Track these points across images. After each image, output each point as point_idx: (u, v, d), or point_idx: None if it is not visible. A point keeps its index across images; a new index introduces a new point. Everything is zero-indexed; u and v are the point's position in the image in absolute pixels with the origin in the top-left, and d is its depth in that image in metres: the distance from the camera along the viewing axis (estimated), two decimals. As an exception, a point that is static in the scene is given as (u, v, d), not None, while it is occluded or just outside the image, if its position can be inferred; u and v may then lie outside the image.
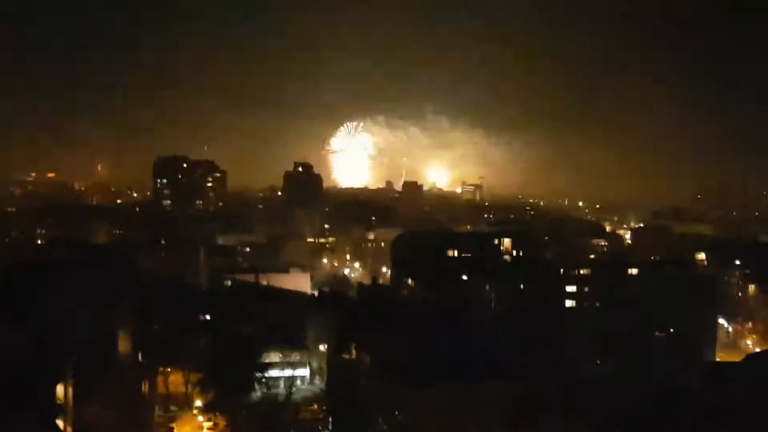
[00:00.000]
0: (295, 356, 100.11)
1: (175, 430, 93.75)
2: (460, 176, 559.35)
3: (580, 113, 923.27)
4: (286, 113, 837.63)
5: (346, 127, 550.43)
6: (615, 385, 73.06)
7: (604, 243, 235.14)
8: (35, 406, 65.85)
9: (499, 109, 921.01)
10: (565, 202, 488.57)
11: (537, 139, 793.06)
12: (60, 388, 73.34)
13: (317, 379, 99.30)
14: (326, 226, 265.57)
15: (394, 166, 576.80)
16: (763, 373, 74.25)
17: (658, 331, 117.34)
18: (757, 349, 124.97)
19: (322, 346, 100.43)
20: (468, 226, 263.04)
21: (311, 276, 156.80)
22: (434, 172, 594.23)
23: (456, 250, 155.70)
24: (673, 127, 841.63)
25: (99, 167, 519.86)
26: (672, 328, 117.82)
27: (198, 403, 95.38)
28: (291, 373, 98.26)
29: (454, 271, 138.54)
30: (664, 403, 66.22)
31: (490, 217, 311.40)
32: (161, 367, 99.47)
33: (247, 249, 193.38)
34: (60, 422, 72.24)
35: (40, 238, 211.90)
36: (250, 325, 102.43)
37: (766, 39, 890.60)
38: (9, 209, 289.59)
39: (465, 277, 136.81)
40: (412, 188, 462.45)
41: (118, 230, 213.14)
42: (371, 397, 75.52)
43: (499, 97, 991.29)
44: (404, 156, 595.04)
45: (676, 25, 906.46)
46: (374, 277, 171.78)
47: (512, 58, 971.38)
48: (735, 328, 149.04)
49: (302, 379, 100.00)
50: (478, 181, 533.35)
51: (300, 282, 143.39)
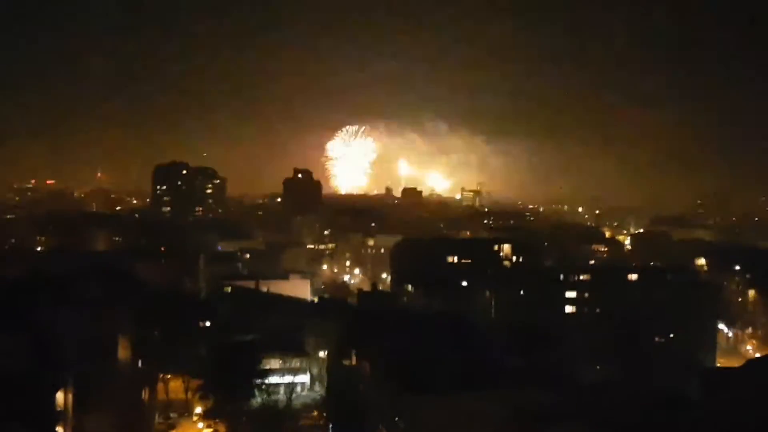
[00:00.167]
0: (295, 363, 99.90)
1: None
2: (460, 182, 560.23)
3: (579, 119, 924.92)
4: (285, 120, 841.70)
5: (347, 132, 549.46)
6: (615, 392, 72.86)
7: (603, 249, 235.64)
8: (35, 414, 65.69)
9: (499, 115, 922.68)
10: (565, 208, 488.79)
11: (536, 145, 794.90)
12: (60, 396, 73.21)
13: (317, 386, 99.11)
14: (326, 232, 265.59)
15: (394, 172, 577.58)
16: (764, 379, 74.06)
17: (658, 337, 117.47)
18: (758, 355, 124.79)
19: (322, 353, 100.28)
20: (467, 233, 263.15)
21: (311, 282, 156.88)
22: (433, 179, 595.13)
23: (456, 256, 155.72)
24: (673, 132, 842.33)
25: (99, 174, 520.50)
26: (672, 334, 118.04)
27: (198, 409, 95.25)
28: (291, 379, 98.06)
29: (453, 278, 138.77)
30: (665, 409, 66.07)
31: (490, 223, 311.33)
32: (161, 374, 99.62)
33: (247, 255, 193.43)
34: (60, 429, 72.08)
35: (39, 246, 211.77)
36: (250, 331, 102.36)
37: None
38: (8, 216, 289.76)
39: (465, 283, 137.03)
40: (412, 194, 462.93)
41: (117, 237, 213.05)
42: (371, 404, 75.43)
43: (499, 103, 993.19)
44: (403, 162, 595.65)
45: (677, 30, 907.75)
46: (374, 284, 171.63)
47: (512, 64, 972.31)
48: (735, 334, 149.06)
49: (302, 386, 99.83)
50: (478, 187, 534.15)
51: (300, 288, 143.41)
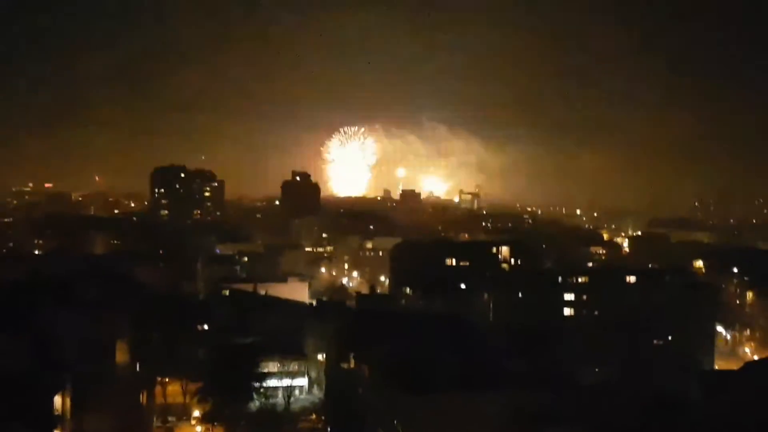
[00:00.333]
0: (294, 366, 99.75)
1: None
2: (458, 185, 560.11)
3: (578, 121, 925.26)
4: (283, 122, 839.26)
5: (346, 134, 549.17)
6: (614, 393, 72.86)
7: (602, 251, 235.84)
8: (34, 416, 65.65)
9: (497, 118, 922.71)
10: (563, 211, 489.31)
11: (534, 148, 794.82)
12: (58, 398, 73.16)
13: (316, 389, 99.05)
14: (324, 235, 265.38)
15: (392, 174, 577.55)
16: (762, 381, 74.11)
17: (656, 339, 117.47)
18: (756, 357, 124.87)
19: (321, 356, 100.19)
20: (466, 235, 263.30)
21: (309, 285, 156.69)
22: (432, 181, 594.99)
23: (454, 258, 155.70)
24: (672, 134, 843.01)
25: (97, 177, 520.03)
26: (670, 336, 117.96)
27: (196, 413, 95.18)
28: (289, 382, 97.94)
29: (452, 280, 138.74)
30: (663, 411, 66.09)
31: (488, 225, 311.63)
32: (159, 377, 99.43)
33: (245, 258, 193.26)
34: (58, 432, 72.12)
35: (38, 249, 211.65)
36: (249, 334, 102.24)
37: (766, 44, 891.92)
38: (6, 219, 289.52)
39: (463, 285, 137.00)
40: (410, 197, 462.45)
41: (115, 240, 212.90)
42: (370, 407, 75.40)
43: (498, 105, 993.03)
44: (402, 165, 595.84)
45: (675, 32, 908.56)
46: (372, 286, 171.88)
47: (511, 66, 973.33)
48: (733, 336, 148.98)
49: (301, 389, 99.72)
50: (476, 189, 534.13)
51: (298, 291, 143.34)
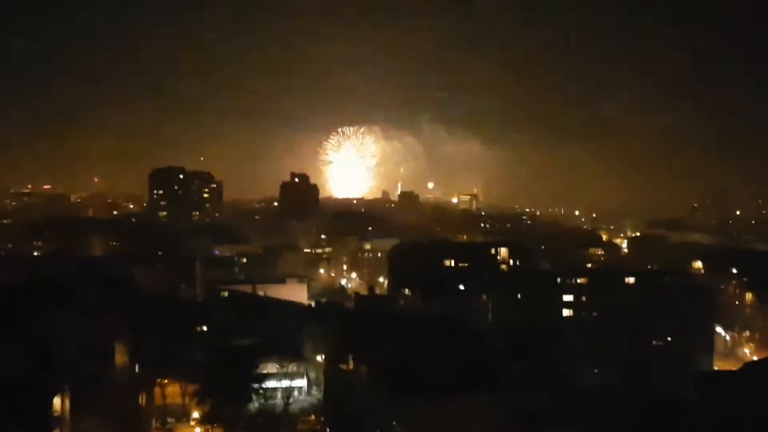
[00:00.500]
0: (293, 367, 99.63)
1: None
2: (457, 186, 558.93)
3: (576, 122, 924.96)
4: (281, 124, 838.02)
5: (346, 134, 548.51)
6: (612, 395, 72.84)
7: (600, 252, 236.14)
8: (32, 418, 65.56)
9: (496, 119, 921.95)
10: (562, 212, 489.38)
11: (533, 149, 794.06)
12: (57, 400, 73.07)
13: (315, 390, 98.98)
14: (323, 236, 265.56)
15: (391, 176, 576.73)
16: (762, 382, 74.13)
17: (655, 340, 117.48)
18: (755, 358, 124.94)
19: (320, 357, 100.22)
20: (464, 236, 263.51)
21: (308, 286, 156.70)
22: (430, 182, 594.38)
23: (453, 259, 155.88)
24: (670, 135, 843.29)
25: (95, 179, 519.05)
26: (669, 337, 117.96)
27: (195, 414, 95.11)
28: (288, 383, 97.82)
29: (450, 281, 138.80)
30: (662, 412, 66.07)
31: (487, 226, 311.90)
32: (158, 379, 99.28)
33: (244, 260, 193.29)
34: (56, 435, 72.00)
35: (36, 251, 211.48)
36: (247, 336, 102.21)
37: (764, 45, 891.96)
38: (5, 221, 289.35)
39: (462, 286, 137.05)
40: (409, 198, 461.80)
41: (114, 242, 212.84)
42: (369, 408, 75.31)
43: (496, 106, 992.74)
44: (400, 166, 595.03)
45: (673, 34, 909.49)
46: (371, 287, 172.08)
47: (509, 67, 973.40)
48: (732, 337, 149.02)
49: (299, 390, 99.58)
50: (474, 190, 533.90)
51: (297, 292, 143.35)
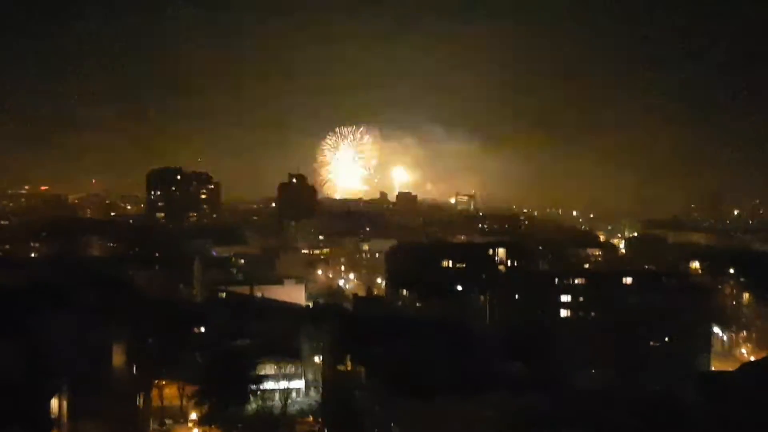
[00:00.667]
0: (291, 368, 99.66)
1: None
2: (455, 187, 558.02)
3: (574, 123, 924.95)
4: (280, 125, 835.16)
5: (343, 135, 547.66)
6: (611, 396, 72.89)
7: (598, 253, 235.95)
8: (30, 420, 65.50)
9: (494, 120, 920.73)
10: (559, 212, 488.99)
11: (531, 149, 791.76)
12: (55, 402, 73.00)
13: (313, 391, 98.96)
14: (320, 237, 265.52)
15: (389, 176, 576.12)
16: (759, 382, 74.28)
17: (653, 341, 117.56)
18: (752, 358, 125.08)
19: (318, 358, 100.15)
20: (462, 237, 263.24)
21: (306, 287, 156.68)
22: (428, 183, 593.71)
23: (451, 260, 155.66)
24: (668, 136, 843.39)
25: (93, 180, 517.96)
26: (667, 338, 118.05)
27: (193, 416, 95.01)
28: (286, 385, 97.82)
29: (448, 282, 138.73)
30: (660, 413, 66.12)
31: (485, 227, 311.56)
32: (156, 380, 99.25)
33: (242, 261, 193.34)
34: (54, 436, 71.91)
35: (34, 252, 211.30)
36: (245, 337, 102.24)
37: (763, 47, 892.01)
38: (2, 222, 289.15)
39: (460, 287, 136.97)
40: (407, 199, 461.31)
41: (112, 243, 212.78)
42: (367, 409, 75.32)
43: (495, 107, 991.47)
44: (398, 167, 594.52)
45: (671, 35, 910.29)
46: (369, 288, 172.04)
47: (508, 68, 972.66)
48: (730, 337, 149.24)
49: (297, 392, 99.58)
50: (472, 191, 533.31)
51: (294, 294, 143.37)
